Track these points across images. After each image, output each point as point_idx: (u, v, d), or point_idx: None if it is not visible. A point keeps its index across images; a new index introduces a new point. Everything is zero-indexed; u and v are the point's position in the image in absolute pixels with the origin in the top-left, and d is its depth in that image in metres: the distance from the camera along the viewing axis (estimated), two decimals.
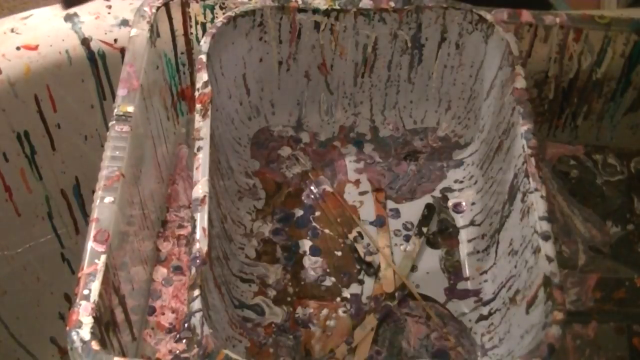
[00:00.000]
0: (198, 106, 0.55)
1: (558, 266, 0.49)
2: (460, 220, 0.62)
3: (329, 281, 0.59)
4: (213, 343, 0.44)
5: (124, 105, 0.55)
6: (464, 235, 0.62)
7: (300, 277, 0.59)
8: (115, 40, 0.68)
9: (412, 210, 0.63)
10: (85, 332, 0.44)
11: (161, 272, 0.59)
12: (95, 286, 0.46)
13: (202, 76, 0.56)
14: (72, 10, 0.69)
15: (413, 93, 0.66)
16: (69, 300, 0.78)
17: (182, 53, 0.65)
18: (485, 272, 0.59)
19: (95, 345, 0.44)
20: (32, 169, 0.71)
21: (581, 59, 0.64)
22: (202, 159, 0.52)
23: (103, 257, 0.47)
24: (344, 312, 0.57)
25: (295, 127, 0.67)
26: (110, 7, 0.70)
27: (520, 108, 0.56)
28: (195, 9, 0.62)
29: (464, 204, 0.63)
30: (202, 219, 0.49)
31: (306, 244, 0.61)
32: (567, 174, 0.66)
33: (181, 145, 0.67)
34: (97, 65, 0.69)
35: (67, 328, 0.44)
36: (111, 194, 0.50)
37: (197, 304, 0.46)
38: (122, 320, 0.51)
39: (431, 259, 0.60)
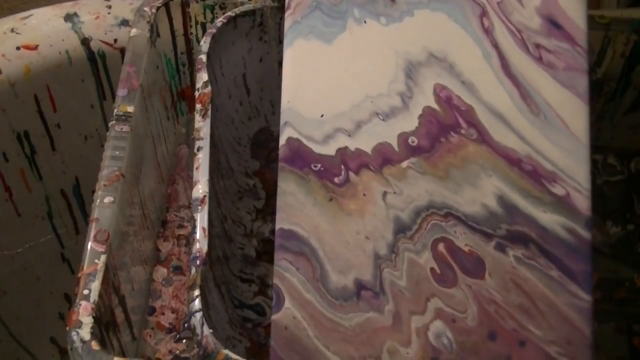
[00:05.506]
0: (198, 106, 0.55)
1: None
2: None
3: None
4: (213, 343, 0.44)
5: (124, 105, 0.55)
6: None
7: None
8: (115, 40, 0.68)
9: None
10: (85, 332, 0.44)
11: (161, 272, 0.59)
12: (95, 286, 0.46)
13: (202, 76, 0.56)
14: (72, 10, 0.69)
15: None
16: (69, 300, 0.78)
17: (182, 53, 0.65)
18: None
19: (95, 345, 0.44)
20: (32, 169, 0.70)
21: None
22: (202, 159, 0.52)
23: (103, 257, 0.47)
24: None
25: None
26: (110, 7, 0.70)
27: None
28: (195, 9, 0.62)
29: None
30: (202, 219, 0.49)
31: None
32: None
33: (181, 145, 0.67)
34: (97, 65, 0.69)
35: (67, 328, 0.44)
36: (111, 194, 0.50)
37: (197, 304, 0.46)
38: (122, 320, 0.51)
39: None
